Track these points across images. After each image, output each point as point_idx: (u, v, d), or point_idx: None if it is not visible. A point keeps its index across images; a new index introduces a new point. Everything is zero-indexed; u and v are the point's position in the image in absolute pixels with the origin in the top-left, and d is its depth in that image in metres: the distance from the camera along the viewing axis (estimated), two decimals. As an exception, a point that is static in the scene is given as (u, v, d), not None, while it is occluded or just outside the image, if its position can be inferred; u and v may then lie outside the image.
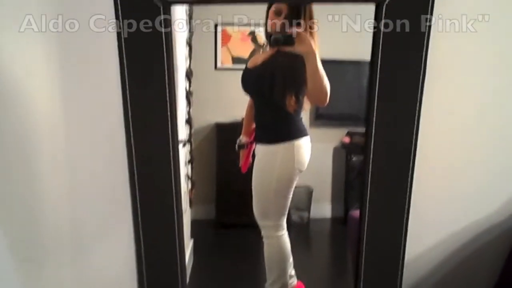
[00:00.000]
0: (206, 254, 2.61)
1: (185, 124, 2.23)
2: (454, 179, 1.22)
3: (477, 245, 1.25)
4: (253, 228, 1.78)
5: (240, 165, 1.91)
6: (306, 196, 3.45)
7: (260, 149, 1.70)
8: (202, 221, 3.37)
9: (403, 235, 1.04)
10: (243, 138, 1.87)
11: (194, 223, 3.11)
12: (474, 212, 1.23)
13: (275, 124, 1.66)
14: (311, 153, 1.77)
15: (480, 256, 1.26)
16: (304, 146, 1.69)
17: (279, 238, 1.71)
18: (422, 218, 1.15)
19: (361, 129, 3.34)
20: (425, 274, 1.30)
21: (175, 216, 1.04)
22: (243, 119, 3.34)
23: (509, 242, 1.22)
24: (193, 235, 2.59)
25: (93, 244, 0.86)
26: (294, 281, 1.92)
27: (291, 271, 1.90)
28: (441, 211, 1.22)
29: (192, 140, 2.39)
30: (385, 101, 1.00)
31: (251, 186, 1.74)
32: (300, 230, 1.88)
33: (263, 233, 1.74)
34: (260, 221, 1.72)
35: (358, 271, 1.08)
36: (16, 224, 0.64)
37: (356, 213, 1.50)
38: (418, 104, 1.01)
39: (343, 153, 3.31)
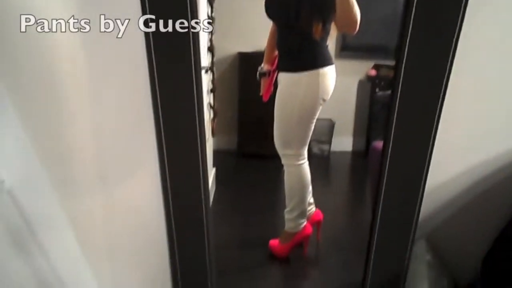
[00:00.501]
0: (227, 183, 2.71)
1: (207, 51, 2.18)
2: (484, 109, 1.17)
3: (497, 180, 1.24)
4: (274, 158, 1.80)
5: (261, 94, 1.87)
6: (328, 129, 3.44)
7: (284, 78, 1.65)
8: (224, 151, 3.45)
9: (426, 165, 1.03)
10: (264, 66, 1.81)
11: (216, 153, 3.20)
12: (500, 145, 1.19)
13: (300, 51, 1.58)
14: (335, 86, 1.71)
15: (498, 192, 1.25)
16: (329, 75, 1.63)
17: (299, 167, 1.72)
18: (447, 148, 1.13)
19: (389, 62, 3.25)
20: (443, 204, 1.33)
21: (199, 144, 1.05)
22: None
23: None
24: (215, 164, 2.66)
25: (121, 175, 0.88)
26: (312, 208, 1.99)
27: (310, 199, 1.96)
28: (467, 142, 1.19)
29: (214, 69, 2.35)
30: (420, 31, 0.92)
31: (273, 116, 1.72)
32: (321, 162, 1.90)
33: (283, 161, 1.75)
34: (281, 150, 1.73)
35: (377, 199, 1.09)
36: (51, 157, 0.65)
37: (378, 144, 1.48)
38: (456, 34, 0.93)
39: (368, 86, 3.21)
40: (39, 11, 0.58)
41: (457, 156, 1.21)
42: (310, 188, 1.87)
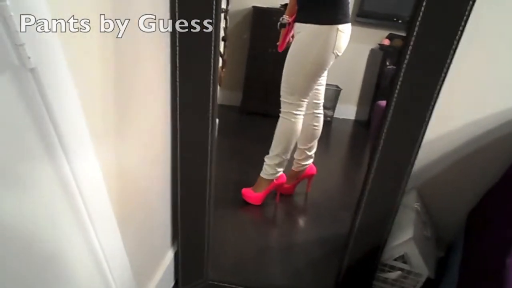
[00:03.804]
0: (228, 134, 2.75)
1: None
2: (490, 69, 1.18)
3: (492, 138, 1.26)
4: (275, 118, 1.83)
5: (278, 44, 1.87)
6: (333, 95, 3.45)
7: (303, 28, 1.64)
8: (229, 106, 3.49)
9: (427, 118, 1.05)
10: (285, 17, 1.81)
11: (220, 107, 3.22)
12: (500, 104, 1.21)
13: (324, 4, 1.58)
14: (345, 52, 1.71)
15: (492, 150, 1.28)
16: (347, 32, 1.63)
17: (295, 117, 1.74)
18: (450, 103, 1.16)
19: (404, 33, 3.21)
20: (438, 158, 1.37)
21: (211, 82, 1.07)
22: (280, 5, 3.20)
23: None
24: (218, 116, 2.70)
25: (134, 109, 0.90)
26: (310, 162, 2.05)
27: (312, 153, 2.02)
28: (470, 99, 1.21)
29: (227, 18, 2.33)
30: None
31: (278, 76, 1.73)
32: (323, 126, 1.92)
33: (283, 109, 1.76)
34: (284, 97, 1.74)
35: (375, 150, 1.13)
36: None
37: (383, 102, 1.51)
38: (469, 7, 0.94)
39: (379, 56, 3.18)
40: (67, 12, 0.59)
41: (458, 112, 1.24)
42: (316, 143, 1.91)
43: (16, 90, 0.53)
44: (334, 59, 1.64)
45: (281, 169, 1.85)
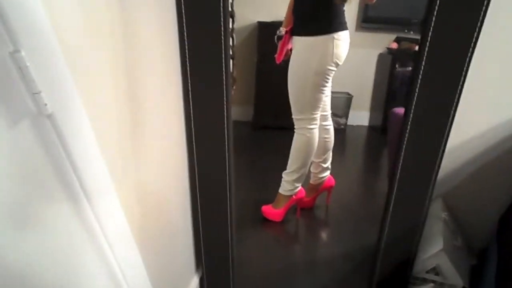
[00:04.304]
0: (242, 151, 2.74)
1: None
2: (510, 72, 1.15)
3: None
4: (288, 130, 1.81)
5: (275, 56, 1.86)
6: (345, 103, 3.42)
7: (298, 41, 1.63)
8: (242, 122, 3.48)
9: (448, 125, 1.03)
10: (283, 30, 1.80)
11: (233, 124, 3.19)
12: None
13: (316, 15, 1.56)
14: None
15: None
16: (344, 40, 1.60)
17: (309, 131, 1.72)
18: (470, 109, 1.12)
19: (412, 35, 3.18)
20: (462, 164, 1.33)
21: (225, 96, 1.06)
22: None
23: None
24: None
25: (150, 137, 0.89)
26: (327, 174, 2.02)
27: (328, 164, 1.99)
28: (489, 103, 1.18)
29: (234, 35, 2.35)
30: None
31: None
32: (337, 135, 1.89)
33: (296, 126, 1.75)
34: (295, 115, 1.73)
35: (397, 158, 1.10)
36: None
37: (398, 109, 1.48)
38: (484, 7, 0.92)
39: (388, 60, 3.15)
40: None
41: (478, 117, 1.21)
42: (330, 154, 1.88)
43: (35, 137, 0.52)
44: (335, 68, 1.62)
45: (299, 184, 1.83)
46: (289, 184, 1.80)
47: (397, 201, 1.11)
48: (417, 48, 1.05)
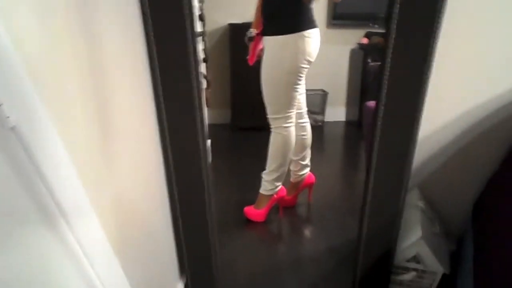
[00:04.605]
0: (222, 153, 2.74)
1: (198, 19, 2.16)
2: (474, 61, 1.18)
3: (485, 128, 1.27)
4: (267, 130, 1.81)
5: (247, 58, 1.86)
6: (321, 100, 3.46)
7: (269, 41, 1.64)
8: (219, 125, 3.47)
9: (418, 116, 1.05)
10: (253, 31, 1.80)
11: (211, 127, 3.20)
12: (488, 92, 1.22)
13: (286, 14, 1.57)
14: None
15: (487, 139, 1.28)
16: (315, 37, 1.62)
17: (286, 129, 1.73)
18: (438, 98, 1.15)
19: (380, 29, 3.24)
20: (435, 153, 1.36)
21: (197, 108, 1.05)
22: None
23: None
24: (209, 136, 2.68)
25: (122, 141, 0.88)
26: (307, 171, 2.03)
27: (308, 162, 2.01)
28: (457, 91, 1.21)
29: (206, 39, 2.33)
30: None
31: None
32: (314, 132, 1.90)
33: (272, 125, 1.74)
34: (271, 115, 1.73)
35: (372, 151, 1.12)
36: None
37: (371, 103, 1.51)
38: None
39: (360, 55, 3.20)
40: None
41: (449, 104, 1.24)
42: (309, 151, 1.90)
43: (-1, 152, 0.51)
44: (307, 65, 1.63)
45: (279, 183, 1.83)
46: (270, 184, 1.81)
47: (374, 193, 1.13)
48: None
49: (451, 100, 1.24)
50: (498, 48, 1.17)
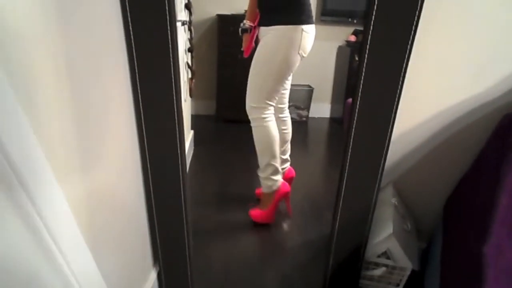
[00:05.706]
0: (205, 144, 2.73)
1: (185, 8, 2.14)
2: (449, 61, 1.21)
3: (459, 127, 1.29)
4: (250, 123, 1.82)
5: (242, 49, 1.85)
6: (306, 95, 3.47)
7: (267, 31, 1.63)
8: (203, 116, 3.46)
9: (393, 114, 1.06)
10: (246, 22, 1.79)
11: (195, 117, 3.19)
12: (462, 93, 1.25)
13: (286, 7, 1.57)
14: (315, 52, 1.71)
15: (460, 139, 1.31)
16: (311, 33, 1.63)
17: (266, 122, 1.72)
18: (413, 97, 1.18)
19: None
20: (409, 151, 1.38)
21: (175, 99, 1.05)
22: (245, 11, 3.18)
23: (493, 124, 1.26)
24: (193, 127, 2.67)
25: (98, 133, 0.86)
26: (287, 165, 2.04)
27: (287, 156, 2.03)
28: (431, 91, 1.24)
29: (192, 28, 2.31)
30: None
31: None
32: (298, 127, 1.91)
33: (252, 116, 1.72)
34: (250, 102, 1.71)
35: (346, 147, 1.14)
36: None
37: (351, 100, 1.53)
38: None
39: (347, 52, 3.22)
40: None
41: (424, 104, 1.26)
42: (289, 146, 1.90)
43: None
44: (299, 60, 1.64)
45: (278, 177, 1.80)
46: (268, 180, 1.79)
47: (347, 189, 1.14)
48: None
49: (426, 100, 1.26)
50: (473, 50, 1.19)
